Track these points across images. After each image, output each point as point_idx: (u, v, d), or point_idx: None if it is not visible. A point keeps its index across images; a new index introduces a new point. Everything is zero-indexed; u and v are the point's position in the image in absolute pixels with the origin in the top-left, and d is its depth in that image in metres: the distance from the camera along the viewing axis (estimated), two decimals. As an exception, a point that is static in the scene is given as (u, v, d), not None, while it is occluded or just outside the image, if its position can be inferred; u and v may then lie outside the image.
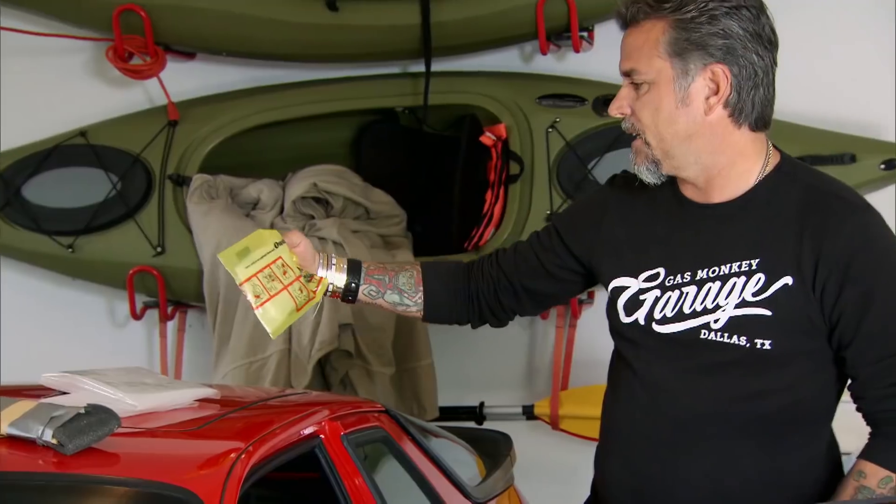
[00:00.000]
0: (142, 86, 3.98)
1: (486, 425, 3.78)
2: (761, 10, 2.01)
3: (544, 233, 2.28)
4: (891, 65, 3.65)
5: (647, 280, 2.09)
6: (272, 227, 3.69)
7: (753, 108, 2.01)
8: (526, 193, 3.60)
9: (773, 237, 1.99)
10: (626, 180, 2.17)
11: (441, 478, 2.52)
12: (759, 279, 1.98)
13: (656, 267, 2.08)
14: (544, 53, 3.68)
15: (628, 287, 2.11)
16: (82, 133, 3.86)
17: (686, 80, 1.99)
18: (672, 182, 2.11)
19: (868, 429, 2.06)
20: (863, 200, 2.04)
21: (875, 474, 1.93)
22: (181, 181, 3.77)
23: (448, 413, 3.75)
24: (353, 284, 2.24)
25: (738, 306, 1.99)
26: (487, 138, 3.69)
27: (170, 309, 3.87)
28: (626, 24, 2.04)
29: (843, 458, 3.45)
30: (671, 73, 1.99)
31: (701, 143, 2.02)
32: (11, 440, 1.86)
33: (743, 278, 1.99)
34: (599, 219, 2.19)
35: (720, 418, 2.03)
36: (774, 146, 2.09)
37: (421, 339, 3.67)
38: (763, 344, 1.98)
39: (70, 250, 3.78)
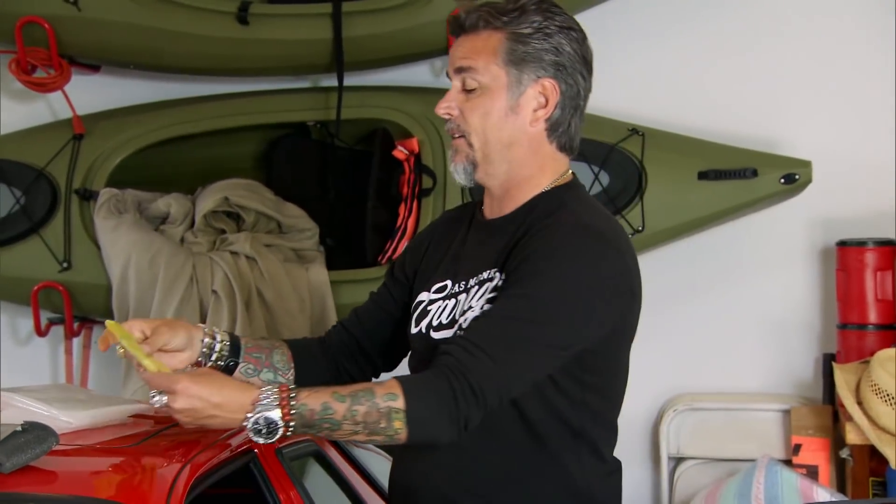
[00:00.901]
0: (45, 99, 3.91)
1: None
2: (585, 36, 2.11)
3: (381, 285, 2.36)
4: (792, 83, 3.77)
5: (436, 291, 2.15)
6: (182, 241, 3.65)
7: (569, 128, 2.10)
8: (439, 207, 3.62)
9: (514, 243, 2.05)
10: (449, 213, 2.29)
11: (369, 490, 2.53)
12: (496, 280, 2.04)
13: (445, 279, 2.14)
14: (455, 69, 3.70)
15: (423, 301, 2.17)
16: (-17, 147, 3.79)
17: (518, 89, 2.07)
18: (478, 205, 2.20)
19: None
20: (585, 221, 2.03)
21: (391, 388, 1.90)
22: (88, 195, 3.70)
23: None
24: (231, 363, 2.18)
25: (481, 307, 2.04)
26: (400, 152, 3.70)
27: (76, 325, 3.80)
28: (463, 30, 2.11)
29: (744, 464, 3.57)
30: (505, 81, 2.07)
31: (517, 152, 2.09)
32: (-57, 461, 1.81)
33: (490, 282, 2.05)
34: (420, 249, 2.27)
35: None
36: (574, 176, 2.15)
37: (334, 352, 3.66)
38: None
39: (-29, 267, 3.70)
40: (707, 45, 3.80)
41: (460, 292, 2.09)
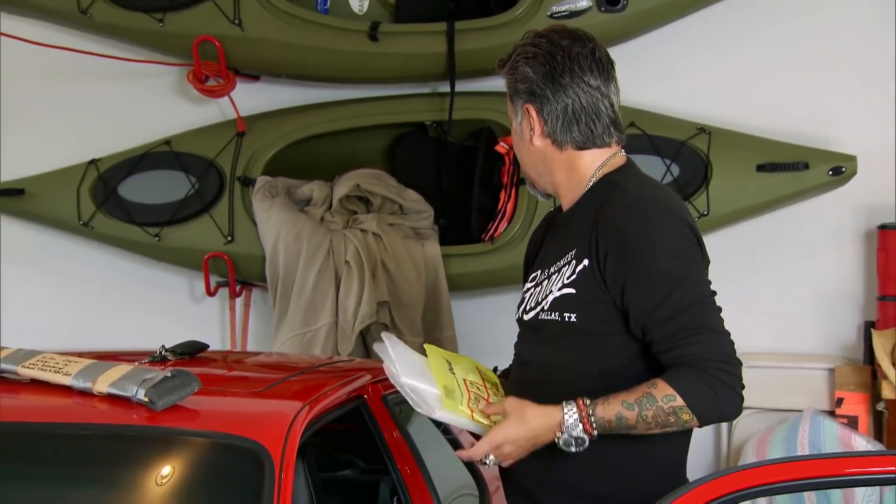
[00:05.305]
0: (216, 103, 3.97)
1: (499, 386, 3.78)
2: (553, 51, 2.00)
3: None
4: (841, 88, 3.64)
5: (530, 281, 2.11)
6: (322, 220, 3.69)
7: (568, 135, 2.01)
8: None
9: (584, 230, 1.98)
10: (547, 215, 2.23)
11: (466, 434, 2.51)
12: (573, 265, 1.99)
13: (536, 270, 2.11)
14: (551, 76, 3.65)
15: (524, 291, 2.13)
16: (167, 142, 3.86)
17: (517, 118, 2.05)
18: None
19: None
20: (641, 191, 1.98)
21: (663, 389, 1.86)
22: (247, 182, 3.76)
23: (467, 375, 3.74)
24: None
25: (559, 289, 1.99)
26: (502, 147, 3.68)
27: (238, 288, 3.88)
28: None
29: (793, 414, 3.48)
30: (512, 115, 2.06)
31: (540, 166, 2.06)
32: (111, 398, 1.88)
33: (567, 267, 2.00)
34: (529, 248, 2.24)
35: (547, 385, 2.01)
36: (628, 157, 2.06)
37: (445, 314, 3.66)
38: (570, 317, 1.97)
39: (157, 239, 3.80)
40: (766, 55, 3.67)
41: (544, 279, 2.06)
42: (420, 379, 1.91)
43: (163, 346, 2.20)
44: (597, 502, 1.96)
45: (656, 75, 3.65)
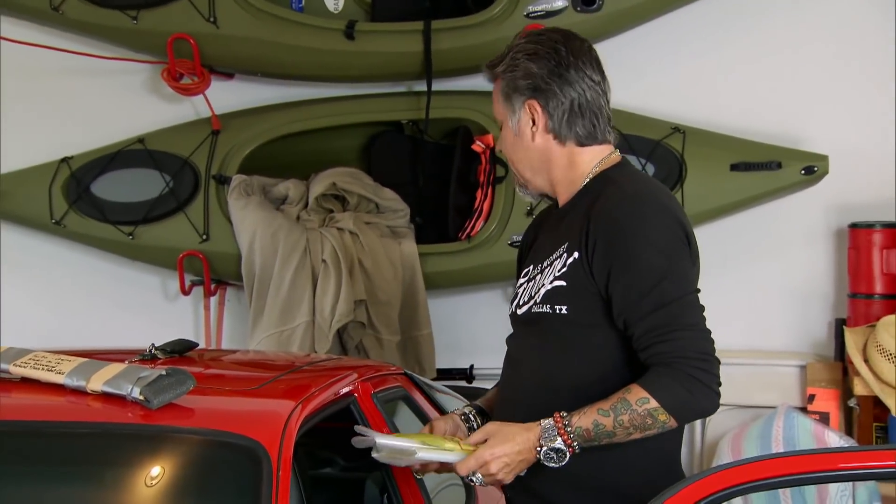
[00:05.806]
0: (190, 101, 3.95)
1: (475, 384, 3.80)
2: (555, 50, 2.02)
3: None
4: (813, 89, 3.70)
5: (523, 277, 2.11)
6: (298, 219, 3.68)
7: (571, 130, 2.04)
8: (510, 192, 3.60)
9: (577, 224, 2.00)
10: (542, 211, 2.23)
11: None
12: (564, 258, 2.00)
13: (529, 265, 2.11)
14: (526, 76, 3.67)
15: (517, 286, 2.13)
16: (141, 140, 3.84)
17: (515, 117, 2.05)
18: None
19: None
20: (635, 187, 1.99)
21: (637, 393, 1.88)
22: (223, 180, 3.74)
23: (444, 374, 3.76)
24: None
25: (551, 282, 2.00)
26: (478, 146, 3.69)
27: (213, 286, 3.86)
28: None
29: (765, 411, 3.53)
30: (506, 114, 2.06)
31: (538, 163, 2.06)
32: (105, 396, 1.87)
33: (559, 260, 2.01)
34: (522, 245, 2.24)
35: (538, 382, 2.02)
36: (623, 156, 2.09)
37: (422, 312, 3.67)
38: (561, 309, 1.97)
39: (131, 237, 3.77)
40: (739, 57, 3.72)
41: (537, 273, 2.06)
42: (396, 437, 1.96)
43: (152, 345, 2.19)
44: (594, 493, 1.98)
45: (632, 75, 3.68)
